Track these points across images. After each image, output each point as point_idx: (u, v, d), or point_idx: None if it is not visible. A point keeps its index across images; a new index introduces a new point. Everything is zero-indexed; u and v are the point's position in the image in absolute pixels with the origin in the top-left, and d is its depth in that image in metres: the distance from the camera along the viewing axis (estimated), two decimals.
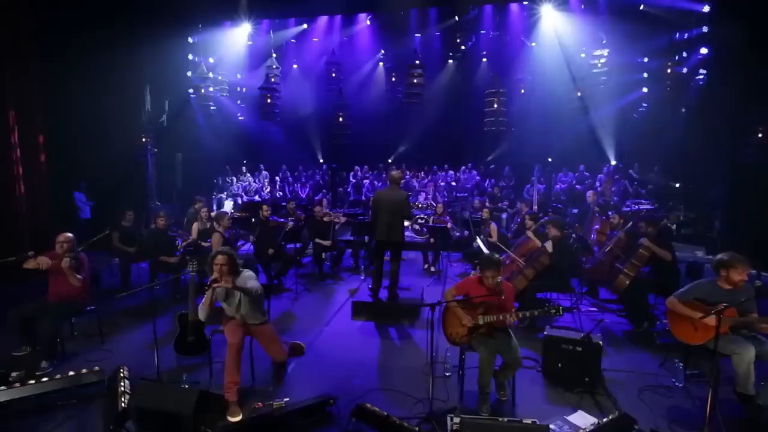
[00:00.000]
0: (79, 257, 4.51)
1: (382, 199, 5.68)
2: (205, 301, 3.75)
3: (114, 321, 5.37)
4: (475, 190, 13.20)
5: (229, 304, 3.85)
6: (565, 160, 12.70)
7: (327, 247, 7.73)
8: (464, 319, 3.57)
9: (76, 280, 4.38)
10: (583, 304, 5.87)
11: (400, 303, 5.64)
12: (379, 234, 5.66)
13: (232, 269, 3.77)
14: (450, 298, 3.75)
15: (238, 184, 13.87)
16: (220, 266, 3.69)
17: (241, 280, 3.75)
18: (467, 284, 3.76)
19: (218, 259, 3.72)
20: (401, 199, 5.63)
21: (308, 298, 6.41)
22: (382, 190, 5.91)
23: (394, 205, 5.59)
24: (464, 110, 13.81)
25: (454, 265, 8.38)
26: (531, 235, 5.83)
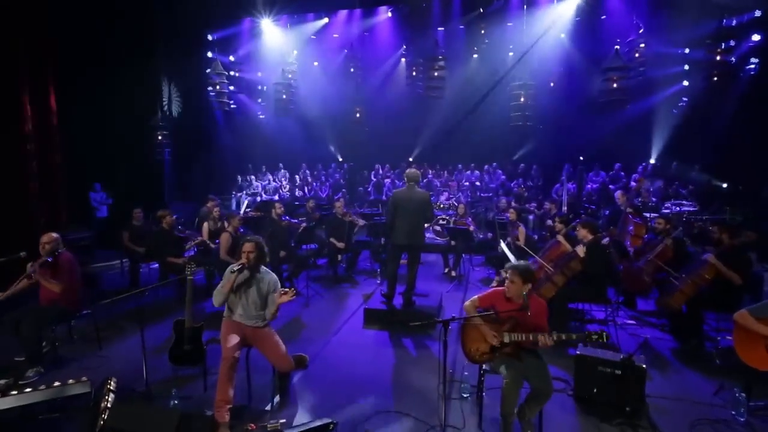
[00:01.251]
0: (59, 260, 4.24)
1: (401, 200, 5.22)
2: (224, 284, 3.51)
3: (116, 324, 5.16)
4: (500, 190, 12.62)
5: (241, 295, 3.56)
6: (597, 158, 11.96)
7: (342, 249, 7.38)
8: (488, 336, 3.12)
9: (53, 285, 4.14)
10: (620, 316, 5.30)
11: (416, 311, 5.20)
12: (398, 237, 5.22)
13: (260, 258, 3.59)
14: (472, 310, 3.31)
15: (258, 182, 13.72)
16: (247, 254, 3.52)
17: (264, 280, 3.60)
18: (493, 296, 3.30)
19: (247, 246, 3.55)
20: (422, 199, 5.18)
21: (319, 304, 6.05)
22: (399, 191, 5.46)
23: (414, 207, 5.16)
24: (489, 107, 13.23)
25: (476, 269, 7.88)
26: (561, 239, 5.30)
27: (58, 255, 4.27)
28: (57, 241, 4.32)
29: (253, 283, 3.57)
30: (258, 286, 3.56)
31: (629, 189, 8.38)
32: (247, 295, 3.56)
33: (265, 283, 3.58)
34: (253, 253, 3.52)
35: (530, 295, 3.17)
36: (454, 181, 11.73)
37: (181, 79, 10.50)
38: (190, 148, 11.47)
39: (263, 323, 3.57)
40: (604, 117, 11.11)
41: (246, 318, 3.55)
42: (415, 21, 11.73)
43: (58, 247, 4.29)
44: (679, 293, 4.42)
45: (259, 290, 3.56)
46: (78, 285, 4.37)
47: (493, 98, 13.09)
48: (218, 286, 3.55)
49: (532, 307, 3.09)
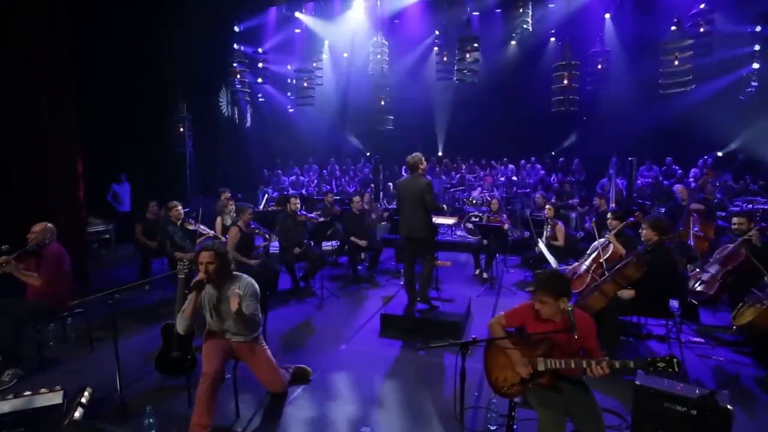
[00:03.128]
0: (45, 251, 3.90)
1: (401, 190, 4.77)
2: (185, 308, 2.98)
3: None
4: (538, 186, 11.71)
5: (214, 315, 3.05)
6: (649, 151, 10.83)
7: (363, 247, 6.84)
8: (517, 364, 2.47)
9: (30, 278, 3.80)
10: (684, 332, 4.45)
11: (437, 319, 4.57)
12: (402, 230, 4.76)
13: (222, 271, 3.01)
14: (498, 330, 2.66)
15: (285, 177, 13.41)
16: (205, 265, 2.95)
17: (236, 288, 3.02)
18: (522, 312, 2.64)
19: (203, 256, 2.98)
20: (419, 186, 4.61)
21: (334, 306, 5.52)
22: (401, 180, 4.96)
23: (412, 196, 4.63)
24: (527, 96, 12.31)
25: (510, 271, 7.13)
26: (612, 239, 4.53)
27: (46, 246, 3.95)
28: (46, 231, 4.01)
29: (223, 298, 3.04)
30: (230, 297, 3.01)
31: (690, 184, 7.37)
32: (220, 311, 3.05)
33: (237, 290, 3.02)
34: (213, 264, 2.96)
35: (573, 311, 2.49)
36: (489, 176, 10.91)
37: (207, 71, 10.22)
38: (215, 141, 11.25)
39: (250, 336, 3.06)
40: (658, 104, 10.02)
41: (229, 333, 3.05)
42: (447, 5, 10.96)
43: (45, 238, 3.97)
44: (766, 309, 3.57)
45: (239, 315, 2.99)
46: (64, 280, 4.03)
47: (532, 87, 12.18)
48: (180, 312, 3.02)
49: (579, 327, 2.42)
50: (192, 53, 9.60)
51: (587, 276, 4.73)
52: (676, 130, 10.50)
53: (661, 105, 10.15)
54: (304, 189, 13.03)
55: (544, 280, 2.51)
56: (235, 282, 3.09)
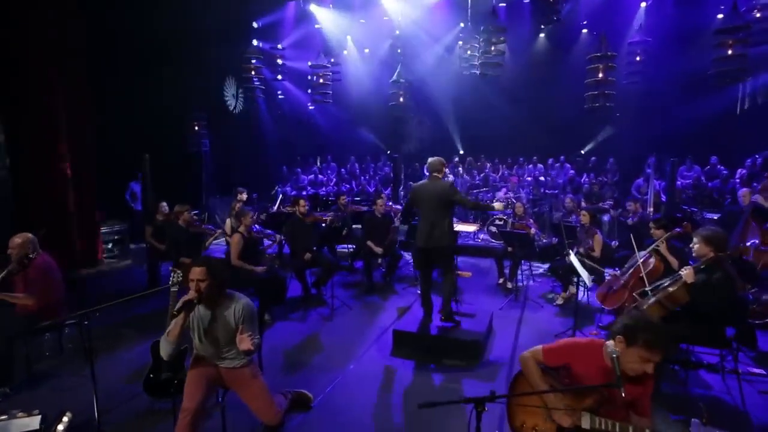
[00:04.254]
0: (29, 268, 3.64)
1: (419, 194, 4.35)
2: (170, 330, 2.65)
3: (115, 333, 4.62)
4: (567, 187, 11.06)
5: (203, 338, 2.74)
6: (688, 149, 10.04)
7: (380, 254, 6.47)
8: (556, 412, 2.04)
9: (22, 300, 3.57)
10: (740, 361, 3.89)
11: (455, 338, 4.16)
12: (419, 238, 4.32)
13: (215, 290, 2.67)
14: (533, 368, 2.21)
15: (304, 175, 13.16)
16: (196, 282, 2.62)
17: (230, 310, 2.70)
18: (570, 350, 2.18)
19: (195, 272, 2.63)
20: (442, 190, 4.23)
21: (345, 318, 5.17)
22: (419, 183, 4.55)
23: (433, 201, 4.23)
24: (557, 92, 11.67)
25: (537, 281, 6.63)
26: (664, 250, 4.02)
27: (30, 261, 3.67)
28: (26, 244, 3.65)
29: (214, 318, 2.71)
30: (223, 319, 2.70)
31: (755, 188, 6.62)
32: (210, 334, 2.72)
33: (232, 313, 2.70)
34: (204, 282, 2.61)
35: None
36: (514, 176, 10.35)
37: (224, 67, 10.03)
38: (232, 139, 11.08)
39: (241, 362, 2.74)
40: (702, 98, 9.23)
41: (217, 359, 2.73)
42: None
43: (28, 252, 3.68)
44: None
45: (225, 324, 2.70)
46: (56, 292, 3.80)
47: (562, 82, 11.53)
48: (164, 334, 2.69)
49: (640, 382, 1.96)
50: (210, 50, 9.41)
51: (625, 293, 4.21)
52: (720, 127, 9.68)
53: (705, 99, 9.37)
54: (323, 188, 12.76)
55: (634, 324, 1.95)
56: (229, 302, 2.76)
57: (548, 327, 4.80)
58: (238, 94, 10.11)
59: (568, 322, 4.87)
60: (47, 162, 6.81)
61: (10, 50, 6.16)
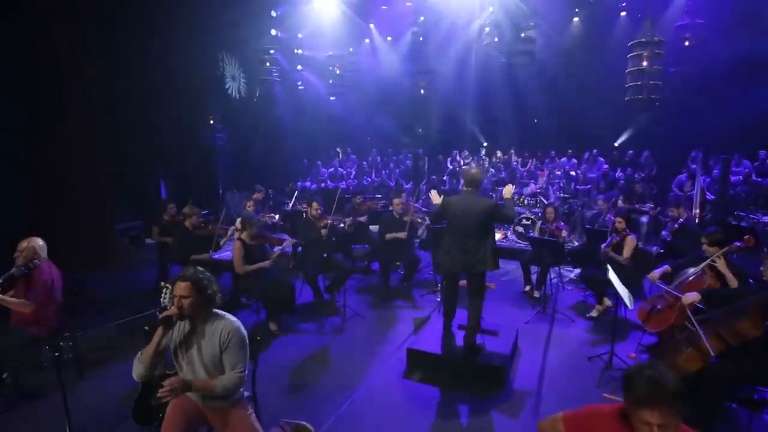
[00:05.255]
0: (33, 272, 3.46)
1: (453, 209, 3.76)
2: (144, 349, 2.36)
3: (116, 343, 4.41)
4: (601, 182, 10.36)
5: (184, 363, 2.43)
6: (735, 143, 9.18)
7: (398, 257, 6.10)
8: None
9: (23, 307, 3.37)
10: None
11: (477, 363, 3.74)
12: (446, 261, 3.79)
13: (200, 308, 2.37)
14: None
15: (324, 169, 12.83)
16: (179, 298, 2.33)
17: (217, 332, 2.38)
18: (595, 422, 1.78)
19: (179, 287, 2.34)
20: (484, 209, 3.65)
21: (357, 329, 4.82)
22: (453, 197, 3.94)
23: (471, 220, 3.66)
24: (591, 80, 10.91)
25: (567, 288, 6.11)
26: (723, 267, 3.48)
27: (35, 266, 3.51)
28: (34, 249, 3.56)
29: (196, 340, 2.39)
30: (206, 342, 2.38)
31: None
32: (191, 359, 2.40)
33: (217, 336, 2.36)
34: (188, 299, 2.31)
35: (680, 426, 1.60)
36: (543, 170, 9.72)
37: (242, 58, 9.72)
38: (250, 132, 10.83)
39: (228, 402, 2.41)
40: (758, 87, 8.35)
41: (199, 396, 2.41)
42: None
43: (34, 257, 3.53)
44: None
45: (210, 349, 2.37)
46: (54, 307, 3.59)
47: (597, 69, 10.77)
48: (139, 353, 2.40)
49: None
50: (226, 40, 9.12)
51: (671, 315, 3.69)
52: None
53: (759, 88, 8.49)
54: (343, 181, 12.43)
55: (658, 388, 1.56)
56: (217, 323, 2.43)
57: (580, 347, 4.33)
58: (239, 77, 9.62)
59: (602, 341, 4.40)
60: (58, 157, 6.72)
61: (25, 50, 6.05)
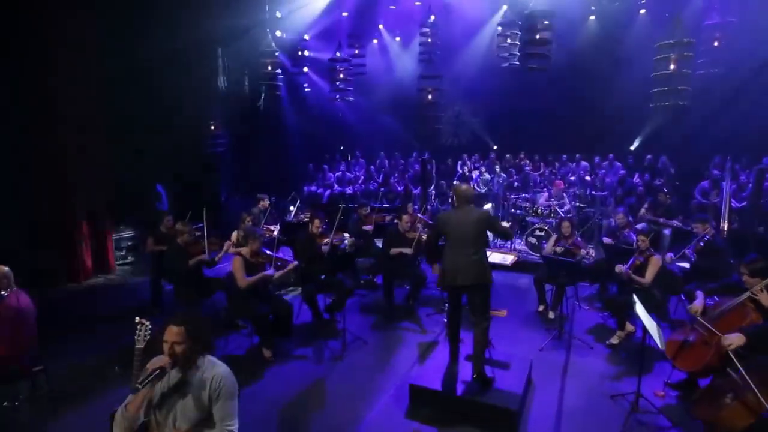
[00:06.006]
0: (5, 303, 3.19)
1: (448, 225, 3.67)
2: (130, 401, 2.08)
3: (98, 371, 4.10)
4: (618, 189, 9.88)
5: (162, 415, 2.14)
6: (759, 146, 8.68)
7: (403, 275, 5.76)
8: None
9: None
10: None
11: (485, 402, 3.38)
12: (447, 276, 3.61)
13: (193, 350, 2.14)
14: None
15: (331, 173, 12.53)
16: (171, 345, 2.09)
17: (207, 380, 2.16)
18: None
19: (170, 333, 2.11)
20: (479, 219, 3.61)
21: (358, 356, 4.48)
22: (446, 213, 4.00)
23: (467, 232, 3.56)
24: (607, 82, 10.45)
25: (584, 308, 5.72)
26: (767, 300, 3.10)
27: (3, 299, 3.23)
28: (1, 279, 3.28)
29: (182, 390, 2.13)
30: (194, 391, 2.12)
31: None
32: (173, 410, 2.12)
33: (207, 386, 2.13)
34: (182, 345, 2.07)
35: None
36: (559, 179, 9.29)
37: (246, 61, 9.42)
38: (254, 137, 10.56)
39: None
40: None
41: None
42: None
43: (1, 288, 3.26)
44: None
45: (197, 399, 2.12)
46: (25, 340, 3.31)
47: (615, 70, 10.31)
48: (120, 408, 2.11)
49: None
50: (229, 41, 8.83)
51: (707, 353, 3.30)
52: None
53: None
54: (351, 186, 12.11)
55: None
56: (207, 370, 2.18)
57: (601, 383, 3.94)
58: (243, 81, 9.20)
59: (625, 374, 4.02)
60: (50, 162, 6.50)
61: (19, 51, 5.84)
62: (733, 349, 2.78)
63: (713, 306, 3.59)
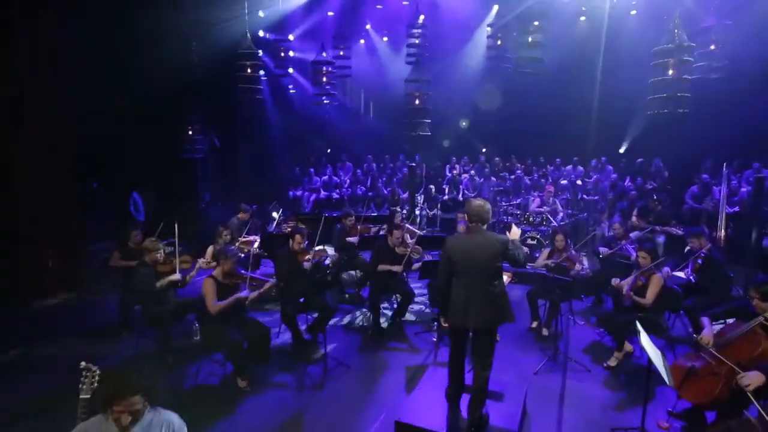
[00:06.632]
0: None
1: (457, 253, 3.16)
2: None
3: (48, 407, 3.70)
4: (610, 193, 9.70)
5: None
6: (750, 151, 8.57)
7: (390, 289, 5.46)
8: None
9: None
10: None
11: None
12: (453, 312, 3.17)
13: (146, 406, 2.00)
14: None
15: (317, 177, 12.15)
16: (125, 414, 1.91)
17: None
18: None
19: (129, 402, 1.92)
20: (494, 251, 3.09)
21: (340, 384, 4.14)
22: (455, 238, 3.39)
23: (480, 264, 3.09)
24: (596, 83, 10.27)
25: (579, 323, 5.48)
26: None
27: None
28: None
29: None
30: None
31: None
32: None
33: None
34: (138, 406, 1.93)
35: None
36: (549, 184, 9.06)
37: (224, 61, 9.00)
38: (236, 141, 10.17)
39: None
40: None
41: None
42: None
43: None
44: None
45: None
46: None
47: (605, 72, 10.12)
48: None
49: None
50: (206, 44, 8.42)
51: (716, 385, 3.06)
52: None
53: None
54: (337, 190, 11.77)
55: None
56: (152, 419, 2.02)
57: (601, 413, 3.68)
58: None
59: (626, 403, 3.77)
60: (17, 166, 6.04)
61: None
62: (752, 390, 2.53)
63: (720, 332, 3.35)
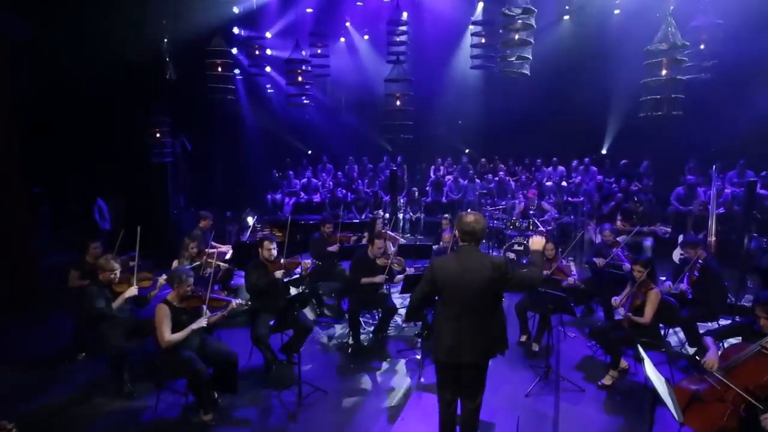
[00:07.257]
0: None
1: (446, 277, 2.72)
2: None
3: None
4: (594, 195, 9.53)
5: None
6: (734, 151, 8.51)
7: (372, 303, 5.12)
8: None
9: None
10: None
11: None
12: (440, 348, 2.78)
13: None
14: None
15: (296, 180, 11.70)
16: None
17: None
18: None
19: None
20: (488, 276, 2.65)
21: (315, 413, 3.77)
22: (444, 260, 2.96)
23: (479, 287, 2.67)
24: (581, 83, 10.12)
25: (570, 336, 5.23)
26: None
27: None
28: None
29: None
30: None
31: None
32: None
33: None
34: None
35: None
36: (533, 187, 8.84)
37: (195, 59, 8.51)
38: (209, 144, 9.68)
39: None
40: None
41: None
42: None
43: None
44: None
45: None
46: None
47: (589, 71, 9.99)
48: None
49: None
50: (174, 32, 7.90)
51: (722, 412, 2.82)
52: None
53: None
54: (317, 194, 11.35)
55: None
56: None
57: None
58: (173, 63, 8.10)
59: (624, 426, 3.52)
60: None
61: None
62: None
63: (724, 353, 3.12)
